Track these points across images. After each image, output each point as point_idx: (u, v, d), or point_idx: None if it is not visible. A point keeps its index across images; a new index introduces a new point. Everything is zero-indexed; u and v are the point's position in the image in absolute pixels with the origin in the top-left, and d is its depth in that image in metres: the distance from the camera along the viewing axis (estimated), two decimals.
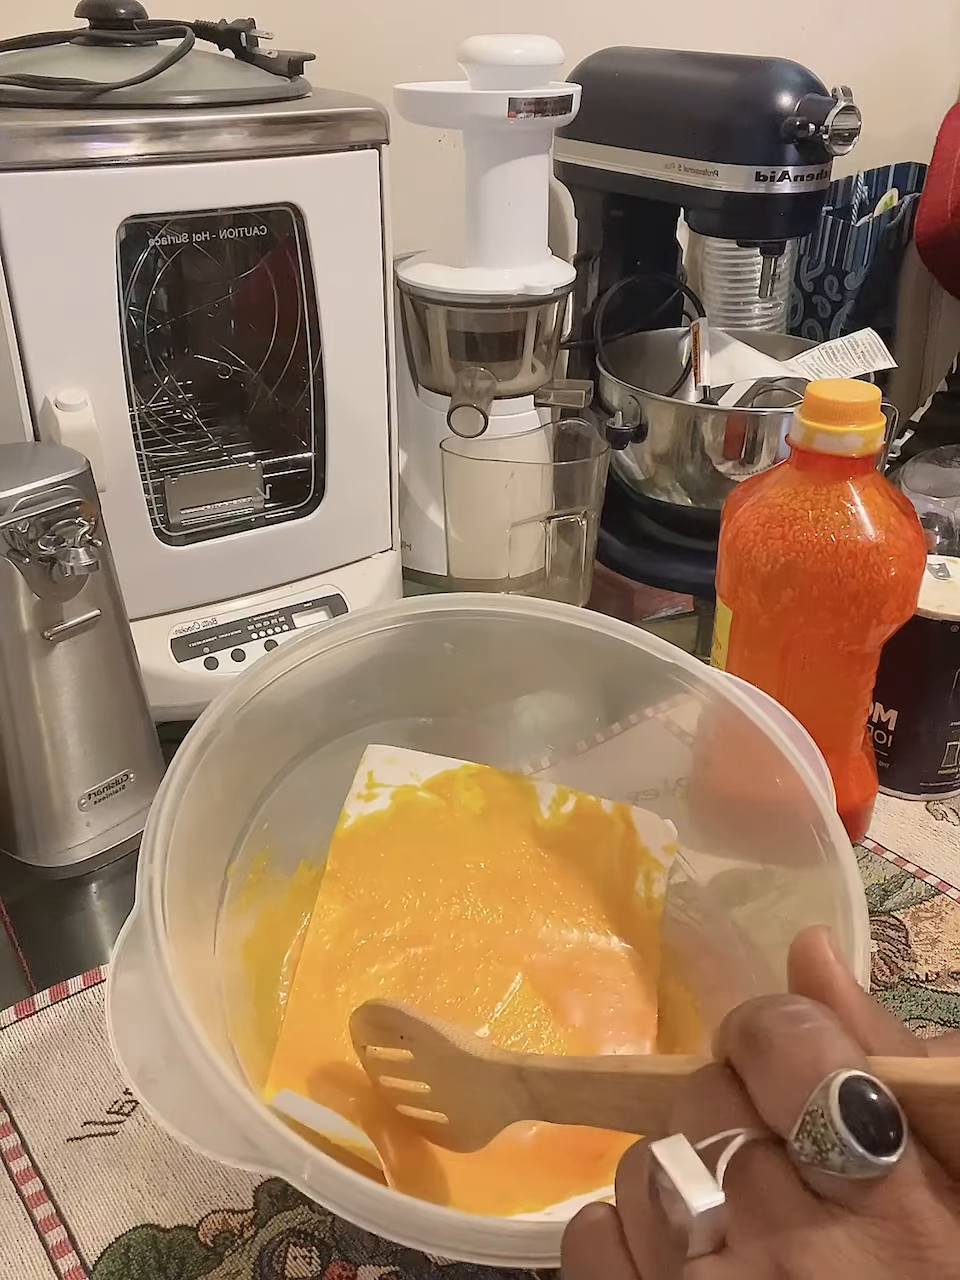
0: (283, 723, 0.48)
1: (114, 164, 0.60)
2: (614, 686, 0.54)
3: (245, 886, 0.48)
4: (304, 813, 0.51)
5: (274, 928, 0.50)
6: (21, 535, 0.54)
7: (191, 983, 0.37)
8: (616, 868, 0.53)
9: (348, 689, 0.50)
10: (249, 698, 0.45)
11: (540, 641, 0.51)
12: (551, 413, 0.86)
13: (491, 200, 0.80)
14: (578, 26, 0.91)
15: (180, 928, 0.38)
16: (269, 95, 0.65)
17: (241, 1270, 0.44)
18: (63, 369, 0.62)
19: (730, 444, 0.84)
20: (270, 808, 0.49)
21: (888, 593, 0.55)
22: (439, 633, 0.51)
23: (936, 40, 1.24)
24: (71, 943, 0.59)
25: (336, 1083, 0.45)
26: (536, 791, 0.54)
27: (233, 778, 0.45)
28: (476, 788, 0.54)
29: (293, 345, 0.74)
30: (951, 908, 0.61)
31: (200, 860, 0.43)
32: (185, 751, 0.42)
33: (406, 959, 0.50)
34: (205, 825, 0.42)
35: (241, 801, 0.48)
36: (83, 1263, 0.44)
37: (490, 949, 0.51)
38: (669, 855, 0.52)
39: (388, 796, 0.53)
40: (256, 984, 0.48)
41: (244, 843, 0.48)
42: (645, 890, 0.52)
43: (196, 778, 0.41)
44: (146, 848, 0.39)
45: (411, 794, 0.54)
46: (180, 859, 0.39)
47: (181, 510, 0.74)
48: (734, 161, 0.80)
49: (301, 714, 0.49)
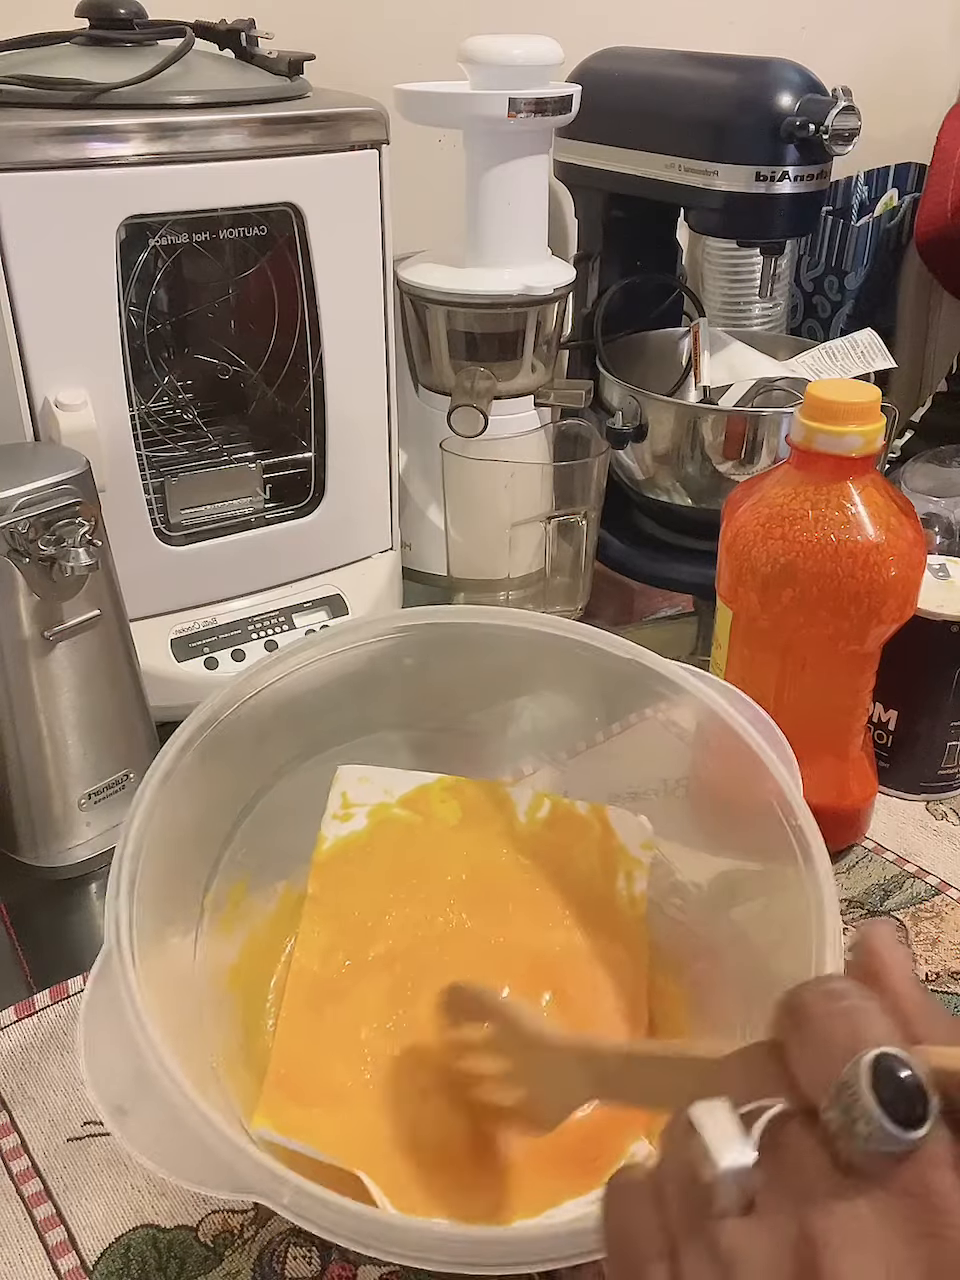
0: (253, 745, 0.48)
1: (114, 164, 0.60)
2: (601, 693, 0.54)
3: (225, 913, 0.47)
4: (282, 835, 0.51)
5: (258, 953, 0.50)
6: (21, 535, 0.54)
7: (167, 1014, 0.36)
8: (597, 869, 0.53)
9: (320, 707, 0.50)
10: (215, 720, 0.45)
11: (522, 651, 0.51)
12: (551, 413, 0.86)
13: (491, 200, 0.79)
14: (578, 26, 0.91)
15: (154, 959, 0.38)
16: (269, 95, 0.65)
17: (241, 1270, 0.44)
18: (63, 369, 0.62)
19: (730, 444, 0.84)
20: (245, 832, 0.49)
21: (888, 593, 0.55)
22: (409, 647, 0.51)
23: (936, 40, 1.24)
24: (71, 943, 0.59)
25: (329, 1105, 0.45)
26: (512, 798, 0.54)
27: (202, 804, 0.45)
28: (452, 800, 0.54)
29: (293, 345, 0.74)
30: (951, 908, 0.61)
31: (173, 890, 0.43)
32: (150, 782, 0.42)
33: (394, 976, 0.50)
34: (176, 854, 0.42)
35: (214, 828, 0.48)
36: (83, 1263, 0.44)
37: (477, 960, 0.51)
38: (647, 852, 0.52)
39: (364, 815, 0.53)
40: (243, 1011, 0.48)
41: (220, 869, 0.47)
42: (627, 889, 0.52)
43: (162, 807, 0.41)
44: (114, 882, 0.39)
45: (387, 811, 0.53)
46: (150, 890, 0.39)
47: (181, 510, 0.74)
48: (734, 161, 0.80)
49: (273, 736, 0.49)
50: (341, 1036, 0.48)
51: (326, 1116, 0.44)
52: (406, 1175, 0.42)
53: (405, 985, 0.50)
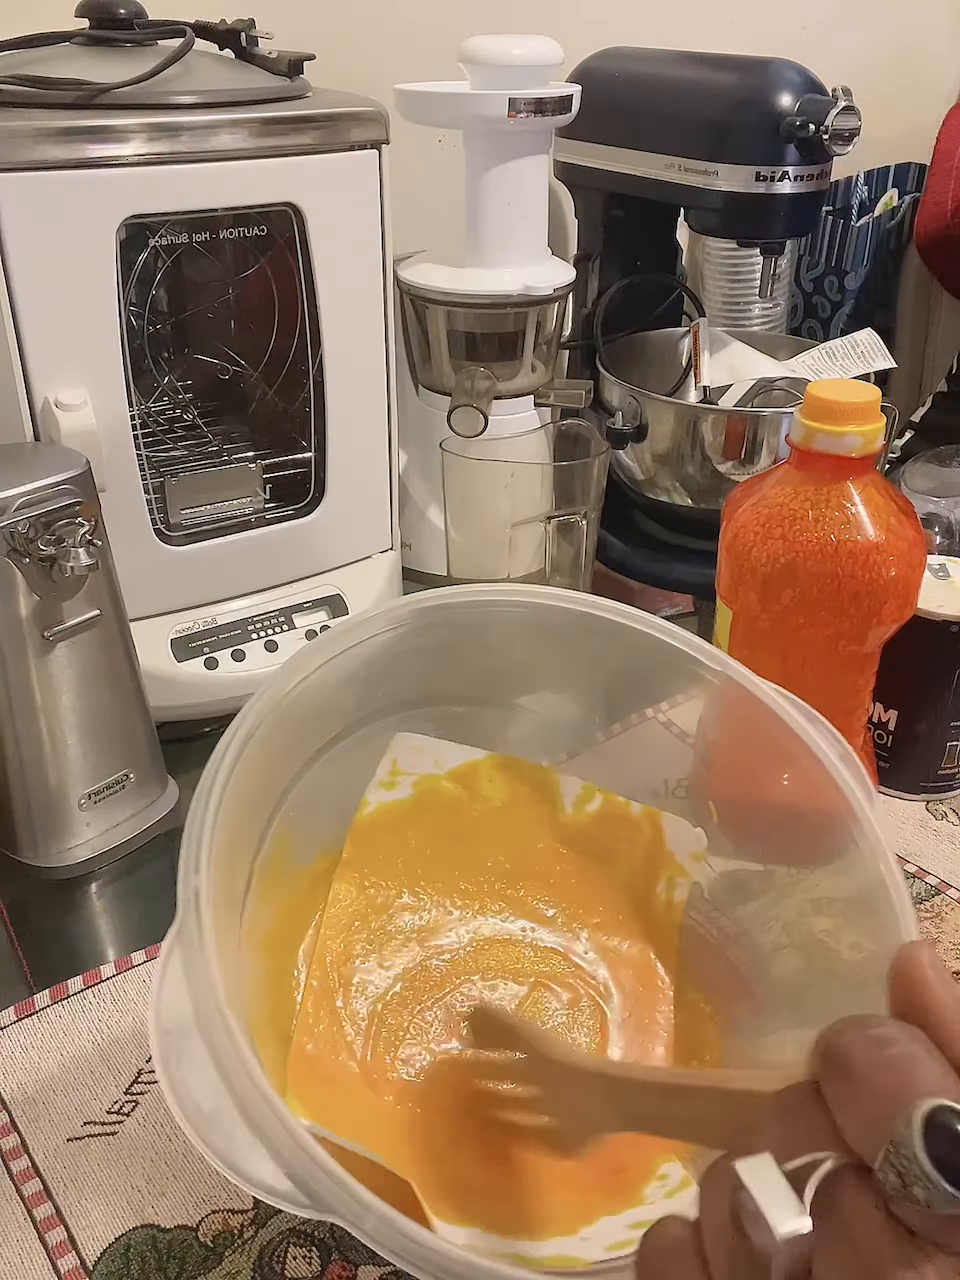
0: (315, 716, 0.46)
1: (114, 164, 0.60)
2: (599, 689, 0.53)
3: (267, 879, 0.46)
4: (326, 803, 0.50)
5: (290, 919, 0.49)
6: (21, 535, 0.54)
7: (230, 994, 0.35)
8: (639, 869, 0.52)
9: (378, 679, 0.48)
10: (286, 691, 0.43)
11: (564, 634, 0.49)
12: (551, 413, 0.86)
13: (491, 200, 0.80)
14: (578, 26, 0.91)
15: (218, 933, 0.36)
16: (269, 95, 0.65)
17: (241, 1270, 0.44)
18: (63, 369, 0.62)
19: (730, 444, 0.84)
20: (294, 799, 0.47)
21: (888, 593, 0.55)
22: (480, 621, 0.49)
23: (936, 40, 1.24)
24: (71, 943, 0.59)
25: (355, 1083, 0.44)
26: (560, 786, 0.53)
27: (264, 773, 0.43)
28: (500, 779, 0.53)
29: (293, 345, 0.74)
30: (951, 908, 0.61)
31: (233, 860, 0.41)
32: (227, 751, 0.39)
33: (420, 956, 0.50)
34: (239, 825, 0.40)
35: (270, 795, 0.46)
36: (83, 1263, 0.44)
37: (503, 948, 0.51)
38: (695, 862, 0.51)
39: (409, 785, 0.52)
40: (276, 977, 0.47)
41: (269, 836, 0.46)
42: (666, 894, 0.51)
43: (235, 778, 0.39)
44: (190, 857, 0.36)
45: (434, 783, 0.52)
46: (219, 863, 0.37)
47: (181, 510, 0.74)
48: (734, 161, 0.80)
49: (333, 706, 0.48)
50: (362, 1017, 0.47)
51: (349, 1095, 0.44)
52: (433, 1175, 0.42)
53: (430, 967, 0.49)
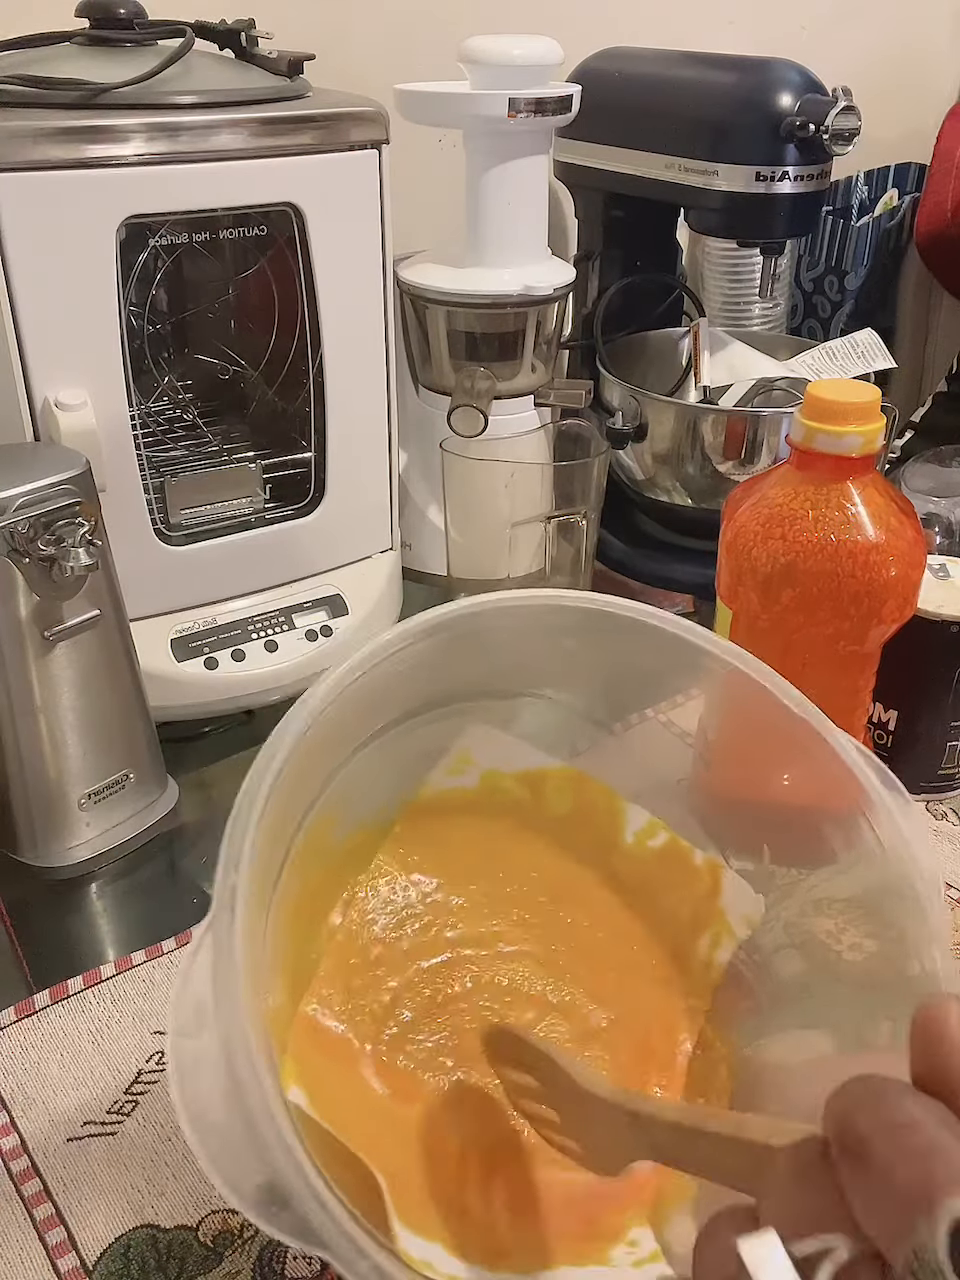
0: (367, 707, 0.44)
1: (114, 164, 0.60)
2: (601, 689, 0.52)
3: (302, 854, 0.44)
4: (369, 786, 0.48)
5: (321, 889, 0.47)
6: (21, 535, 0.54)
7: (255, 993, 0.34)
8: (685, 920, 0.50)
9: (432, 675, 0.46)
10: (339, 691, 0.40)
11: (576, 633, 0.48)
12: (551, 413, 0.86)
13: (491, 200, 0.79)
14: (578, 26, 0.91)
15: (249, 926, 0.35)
16: (269, 95, 0.65)
17: (241, 1270, 0.44)
18: (63, 369, 0.62)
19: (730, 444, 0.84)
20: (339, 781, 0.46)
21: (888, 593, 0.55)
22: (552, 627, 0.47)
23: (936, 40, 1.24)
24: (71, 943, 0.59)
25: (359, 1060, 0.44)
26: (626, 814, 0.52)
27: (313, 758, 0.41)
28: (568, 791, 0.52)
29: (293, 345, 0.74)
30: (951, 908, 0.61)
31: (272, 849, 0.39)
32: (283, 740, 0.37)
33: (446, 955, 0.48)
34: (282, 810, 0.39)
35: (315, 779, 0.44)
36: (83, 1263, 0.44)
37: (530, 970, 0.49)
38: (746, 926, 0.49)
39: (477, 775, 0.51)
40: (299, 941, 0.45)
41: (310, 815, 0.44)
42: (709, 952, 0.49)
43: (284, 776, 0.37)
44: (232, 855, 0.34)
45: (500, 779, 0.51)
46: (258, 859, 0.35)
47: (181, 510, 0.74)
48: (734, 161, 0.80)
49: (388, 697, 0.46)
50: (376, 1002, 0.47)
51: (351, 1073, 0.43)
52: (413, 1183, 0.41)
53: (456, 974, 0.48)
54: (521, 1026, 0.42)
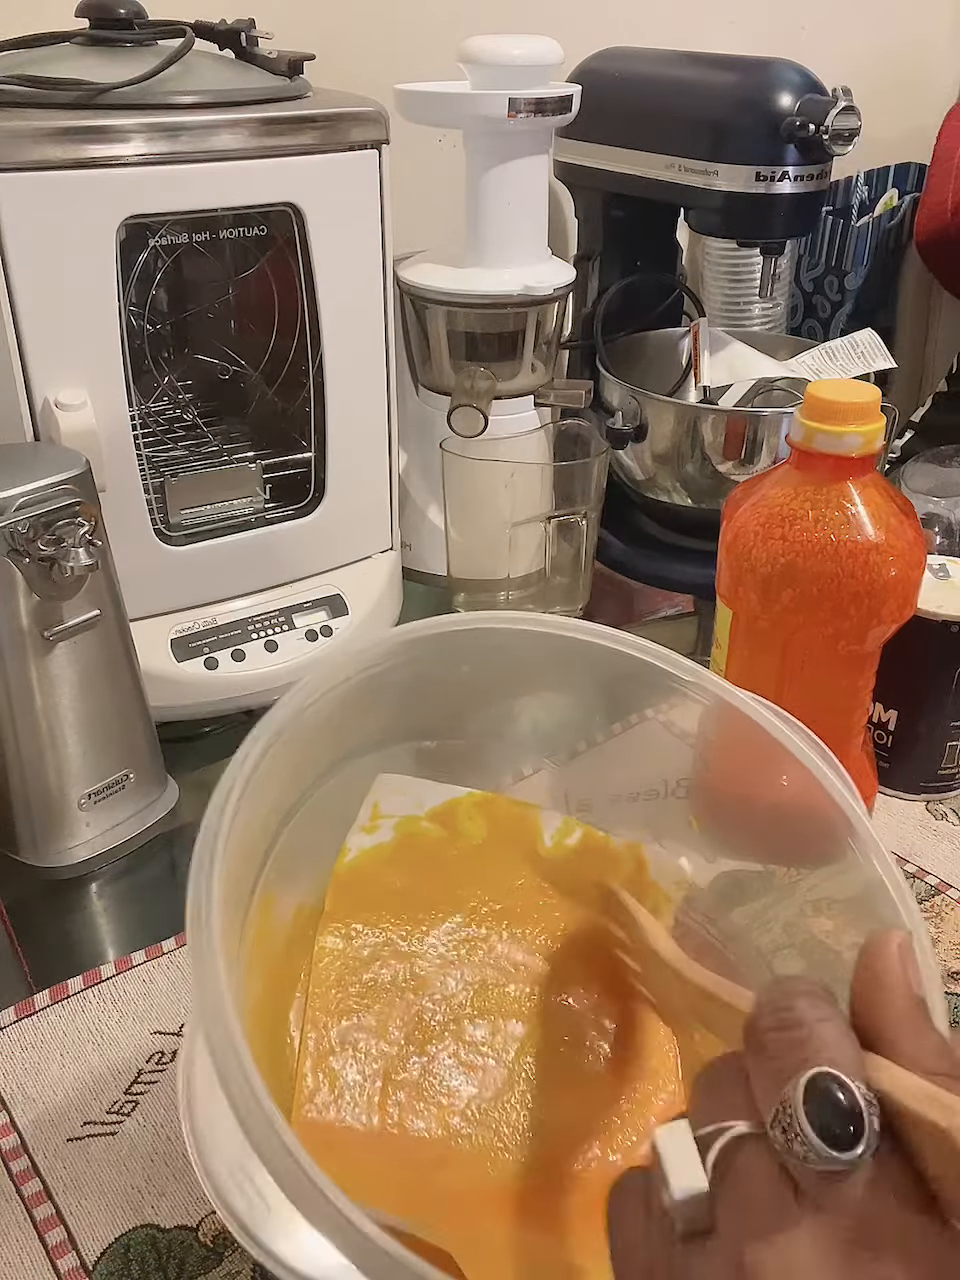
0: (297, 758, 0.43)
1: (114, 164, 0.60)
2: (598, 692, 0.52)
3: (251, 945, 0.43)
4: (303, 856, 0.47)
5: (275, 983, 0.47)
6: (21, 535, 0.54)
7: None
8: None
9: (353, 719, 0.46)
10: (281, 732, 0.39)
11: (537, 654, 0.49)
12: (551, 413, 0.86)
13: (491, 200, 0.80)
14: (578, 26, 0.91)
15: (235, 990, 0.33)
16: (269, 95, 0.65)
17: (241, 1270, 0.44)
18: (63, 369, 0.62)
19: (730, 444, 0.84)
20: (278, 854, 0.44)
21: (888, 593, 0.55)
22: (449, 654, 0.47)
23: (936, 40, 1.24)
24: (71, 943, 0.59)
25: (363, 1148, 0.43)
26: (541, 821, 0.52)
27: (254, 825, 0.40)
28: (480, 817, 0.52)
29: (293, 345, 0.74)
30: (951, 908, 0.61)
31: (228, 922, 0.37)
32: (227, 803, 0.36)
33: (414, 1006, 0.48)
34: (231, 885, 0.37)
35: (258, 850, 0.43)
36: (83, 1263, 0.44)
37: (495, 987, 0.50)
38: (680, 889, 0.50)
39: (391, 828, 0.51)
40: (269, 1045, 0.45)
41: (255, 896, 0.42)
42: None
43: (234, 828, 0.35)
44: (199, 925, 0.33)
45: (415, 825, 0.51)
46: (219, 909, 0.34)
47: (181, 510, 0.74)
48: (734, 161, 0.80)
49: (317, 745, 0.45)
50: (363, 1077, 0.46)
51: (360, 1162, 0.43)
52: (464, 1240, 0.39)
53: (423, 1017, 0.48)
54: (620, 891, 0.47)
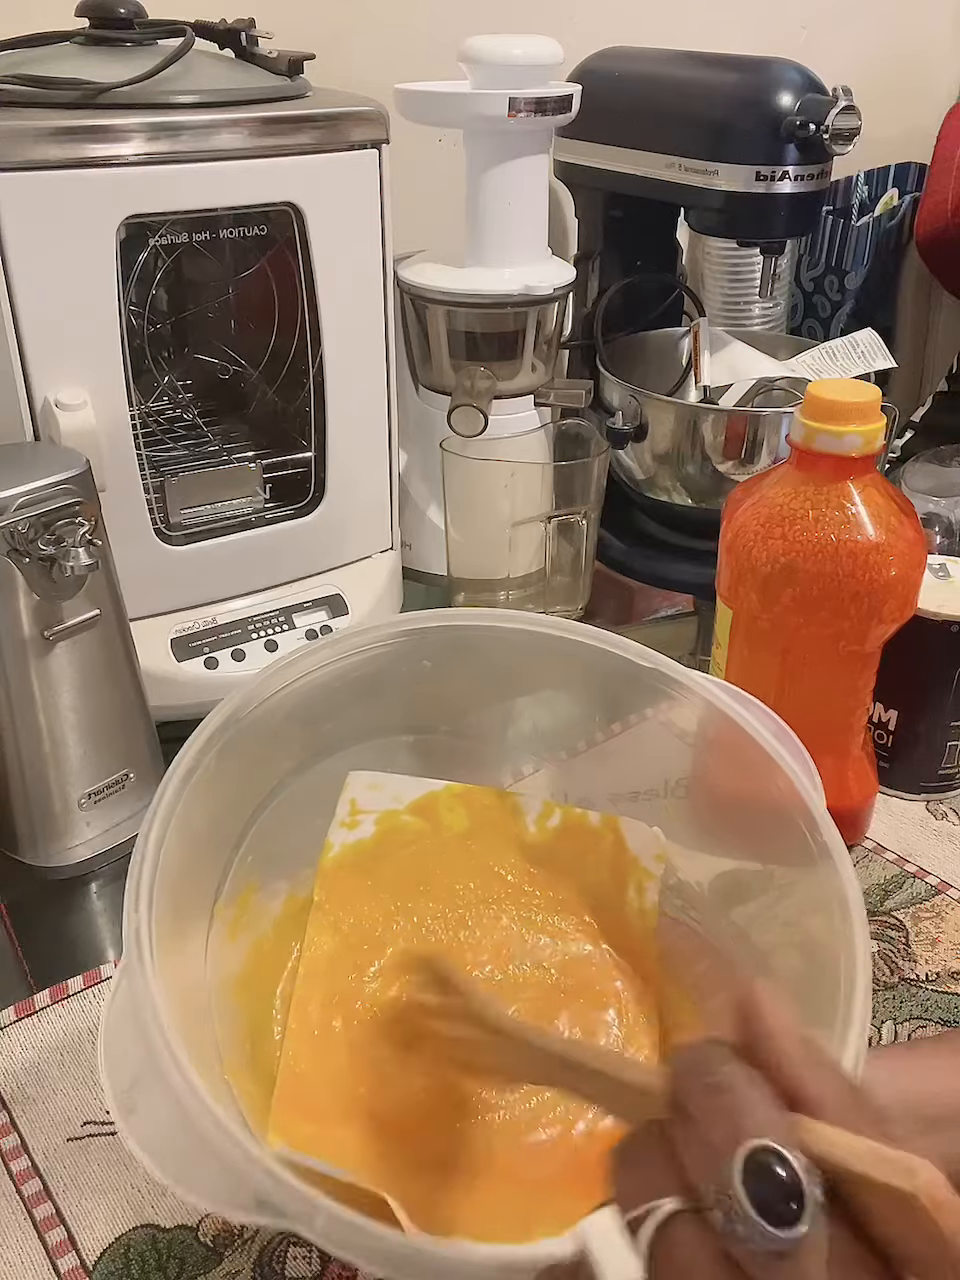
0: (264, 749, 0.47)
1: (114, 164, 0.60)
2: (603, 693, 0.53)
3: (232, 921, 0.47)
4: (287, 840, 0.50)
5: (263, 962, 0.49)
6: (21, 535, 0.54)
7: (186, 1023, 0.35)
8: (607, 880, 0.52)
9: (327, 711, 0.49)
10: (233, 723, 0.43)
11: (526, 653, 0.50)
12: (551, 413, 0.86)
13: (491, 200, 0.80)
14: (578, 26, 0.91)
15: (172, 969, 0.37)
16: (269, 95, 0.65)
17: (241, 1270, 0.44)
18: (63, 369, 0.62)
19: (730, 444, 0.84)
20: (254, 838, 0.48)
21: (888, 593, 0.55)
22: (419, 650, 0.50)
23: (936, 40, 1.24)
24: (71, 943, 0.59)
25: (338, 1122, 0.44)
26: (522, 807, 0.54)
27: (216, 809, 0.43)
28: (460, 808, 0.53)
29: (293, 345, 0.74)
30: (951, 908, 0.61)
31: (187, 899, 0.41)
32: (168, 785, 0.40)
33: (402, 987, 0.49)
34: (191, 862, 0.41)
35: (225, 834, 0.47)
36: (83, 1263, 0.44)
37: (484, 972, 0.51)
38: (659, 864, 0.51)
39: (371, 823, 0.52)
40: (249, 1021, 0.47)
41: (230, 876, 0.46)
42: (638, 900, 0.52)
43: (180, 812, 0.40)
44: (132, 894, 0.38)
45: (395, 818, 0.53)
46: (167, 900, 0.38)
47: (181, 510, 0.74)
48: (734, 161, 0.80)
49: (283, 739, 0.48)
50: (350, 1051, 0.47)
51: (336, 1134, 0.44)
52: (422, 1194, 0.41)
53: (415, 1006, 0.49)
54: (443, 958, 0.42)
